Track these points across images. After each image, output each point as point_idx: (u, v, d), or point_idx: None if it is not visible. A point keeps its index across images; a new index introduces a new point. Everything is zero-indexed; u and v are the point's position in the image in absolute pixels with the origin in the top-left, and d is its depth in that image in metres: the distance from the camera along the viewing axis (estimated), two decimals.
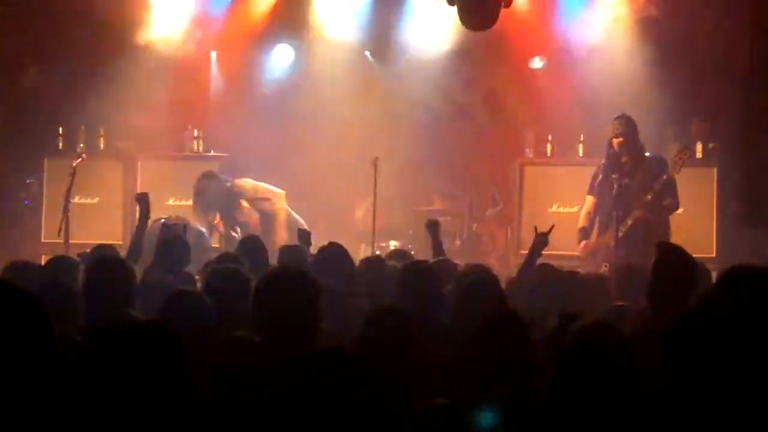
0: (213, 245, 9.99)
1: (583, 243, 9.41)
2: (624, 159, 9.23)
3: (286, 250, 7.21)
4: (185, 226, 8.22)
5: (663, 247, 5.38)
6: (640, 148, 9.32)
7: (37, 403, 2.46)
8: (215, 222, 10.35)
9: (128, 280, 5.38)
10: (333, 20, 11.78)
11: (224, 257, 6.55)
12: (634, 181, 9.16)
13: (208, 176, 10.41)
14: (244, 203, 10.43)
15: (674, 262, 5.17)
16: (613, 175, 9.15)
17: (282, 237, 9.97)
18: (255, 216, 10.38)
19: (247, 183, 10.47)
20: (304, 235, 7.88)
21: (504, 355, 4.20)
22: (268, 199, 10.32)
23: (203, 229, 9.95)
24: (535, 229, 7.27)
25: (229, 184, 10.42)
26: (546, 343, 4.46)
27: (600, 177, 9.39)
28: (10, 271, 6.14)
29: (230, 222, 10.39)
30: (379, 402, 3.35)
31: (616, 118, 9.35)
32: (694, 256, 5.33)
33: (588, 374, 3.53)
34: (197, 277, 6.64)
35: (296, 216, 10.31)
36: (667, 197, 9.16)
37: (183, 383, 2.88)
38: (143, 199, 7.86)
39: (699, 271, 5.41)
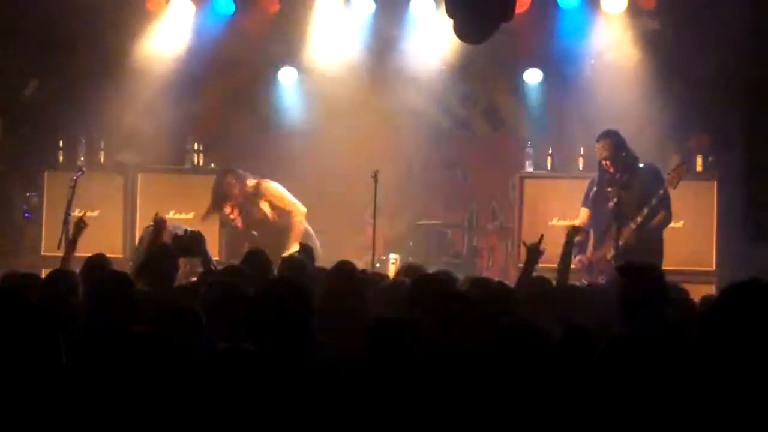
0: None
1: (578, 258, 9.11)
2: (617, 175, 9.14)
3: (286, 261, 7.21)
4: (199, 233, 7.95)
5: (625, 271, 5.25)
6: (633, 160, 9.20)
7: (43, 411, 2.46)
8: (232, 216, 10.23)
9: (130, 294, 5.39)
10: (333, 34, 11.77)
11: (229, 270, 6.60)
12: (630, 193, 9.10)
13: (226, 172, 10.29)
14: (264, 205, 10.28)
15: (638, 285, 5.04)
16: (608, 189, 9.09)
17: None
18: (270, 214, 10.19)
19: (274, 188, 10.29)
20: (308, 251, 7.80)
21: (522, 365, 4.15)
22: (289, 212, 10.19)
23: None
24: (524, 243, 7.29)
25: (254, 181, 10.27)
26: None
27: (594, 189, 9.34)
28: (8, 282, 6.14)
29: (246, 218, 10.22)
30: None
31: (597, 140, 9.25)
32: (693, 269, 5.27)
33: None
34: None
35: (312, 234, 10.17)
36: (659, 212, 9.08)
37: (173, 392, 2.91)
38: (157, 224, 7.90)
39: (671, 290, 5.32)
